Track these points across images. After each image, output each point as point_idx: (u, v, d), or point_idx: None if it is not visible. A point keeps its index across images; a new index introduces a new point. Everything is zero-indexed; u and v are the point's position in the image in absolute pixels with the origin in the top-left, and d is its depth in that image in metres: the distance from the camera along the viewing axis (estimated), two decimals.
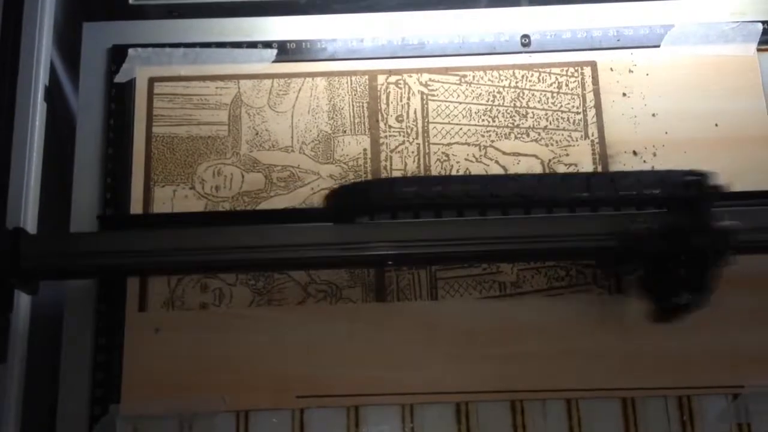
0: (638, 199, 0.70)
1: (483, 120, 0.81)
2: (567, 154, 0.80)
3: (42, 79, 0.78)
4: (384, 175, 0.79)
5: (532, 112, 0.81)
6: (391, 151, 0.80)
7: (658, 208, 0.70)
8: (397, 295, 0.76)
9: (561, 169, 0.79)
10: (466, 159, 0.80)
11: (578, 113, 0.81)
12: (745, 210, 0.70)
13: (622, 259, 0.69)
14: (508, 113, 0.81)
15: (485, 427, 0.72)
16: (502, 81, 0.82)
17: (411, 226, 0.71)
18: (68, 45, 0.84)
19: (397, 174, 0.79)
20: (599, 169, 0.79)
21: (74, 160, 0.80)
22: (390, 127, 0.81)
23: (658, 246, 0.67)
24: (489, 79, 0.82)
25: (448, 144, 0.80)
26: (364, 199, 0.70)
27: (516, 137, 0.81)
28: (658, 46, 0.83)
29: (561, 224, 0.70)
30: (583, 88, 0.82)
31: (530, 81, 0.82)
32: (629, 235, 0.68)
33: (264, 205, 0.78)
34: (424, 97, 0.82)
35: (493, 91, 0.82)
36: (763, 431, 0.72)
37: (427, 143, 0.80)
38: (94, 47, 0.83)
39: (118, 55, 0.82)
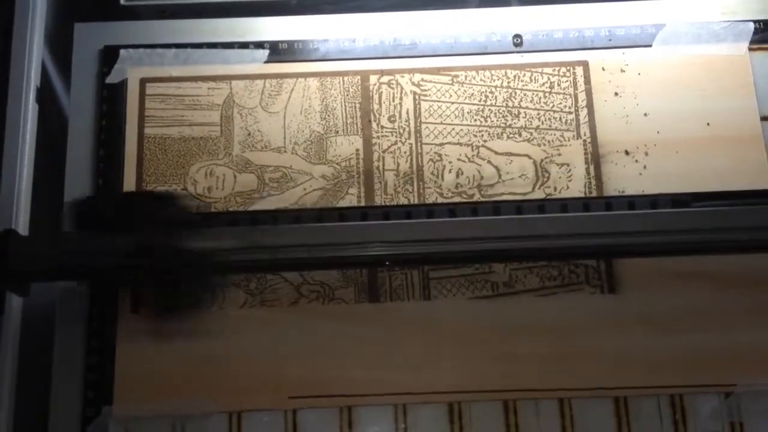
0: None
1: (475, 120, 0.81)
2: (559, 154, 0.80)
3: (33, 80, 0.78)
4: (376, 175, 0.79)
5: (525, 112, 0.81)
6: (384, 152, 0.80)
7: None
8: (389, 296, 0.76)
9: (554, 168, 0.79)
10: (458, 159, 0.80)
11: (570, 113, 0.81)
12: (733, 210, 0.71)
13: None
14: (501, 113, 0.81)
15: (478, 427, 0.72)
16: (494, 81, 0.82)
17: (406, 226, 0.71)
18: (60, 46, 0.84)
19: (389, 174, 0.79)
20: (591, 169, 0.79)
21: (66, 161, 0.79)
22: (382, 127, 0.81)
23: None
24: (481, 79, 0.82)
25: (441, 144, 0.80)
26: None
27: (508, 137, 0.81)
28: (650, 46, 0.83)
29: None
30: (575, 87, 0.82)
31: (522, 81, 0.82)
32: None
33: (257, 206, 0.78)
34: (417, 97, 0.82)
35: (485, 91, 0.82)
36: (755, 430, 0.72)
37: (419, 143, 0.80)
38: (85, 48, 0.83)
39: (109, 55, 0.82)
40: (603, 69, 0.83)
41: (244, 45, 0.83)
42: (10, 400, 0.71)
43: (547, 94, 0.82)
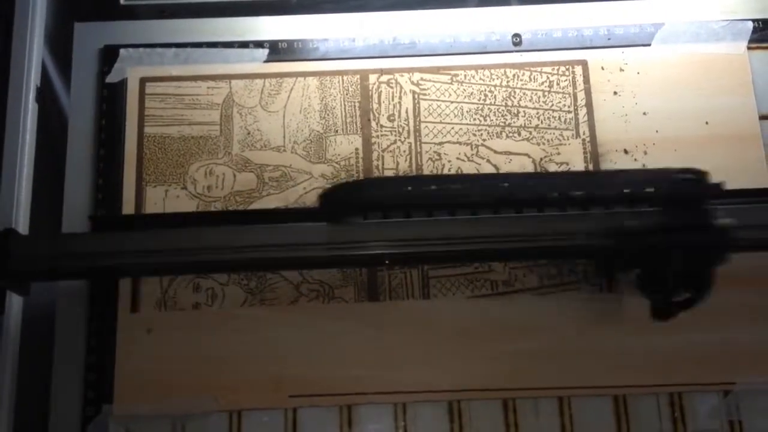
0: (633, 197, 0.69)
1: (474, 119, 0.81)
2: (558, 153, 0.80)
3: (33, 79, 0.78)
4: (376, 174, 0.79)
5: (524, 111, 0.81)
6: (383, 151, 0.80)
7: (650, 207, 0.70)
8: (389, 295, 0.76)
9: (552, 168, 0.80)
10: (457, 158, 0.80)
11: (569, 112, 0.81)
12: (736, 208, 0.71)
13: (620, 257, 0.69)
14: (500, 112, 0.81)
15: (478, 425, 0.72)
16: (493, 80, 0.82)
17: (405, 225, 0.71)
18: (60, 45, 0.84)
19: (389, 173, 0.80)
20: (590, 167, 0.79)
21: (66, 160, 0.80)
22: (382, 126, 0.81)
23: (655, 243, 0.67)
24: (480, 78, 0.82)
25: (440, 143, 0.81)
26: (357, 198, 0.70)
27: (507, 136, 0.81)
28: (649, 45, 0.83)
29: (558, 223, 0.70)
30: (575, 86, 0.82)
31: (521, 80, 0.82)
32: (626, 232, 0.68)
33: (256, 205, 0.78)
34: (416, 96, 0.82)
35: (485, 90, 0.82)
36: (754, 428, 0.72)
37: (418, 142, 0.81)
38: (85, 47, 0.83)
39: (109, 55, 0.82)
40: (602, 68, 0.83)
41: (244, 44, 0.83)
42: (10, 400, 0.71)
43: (546, 93, 0.82)
